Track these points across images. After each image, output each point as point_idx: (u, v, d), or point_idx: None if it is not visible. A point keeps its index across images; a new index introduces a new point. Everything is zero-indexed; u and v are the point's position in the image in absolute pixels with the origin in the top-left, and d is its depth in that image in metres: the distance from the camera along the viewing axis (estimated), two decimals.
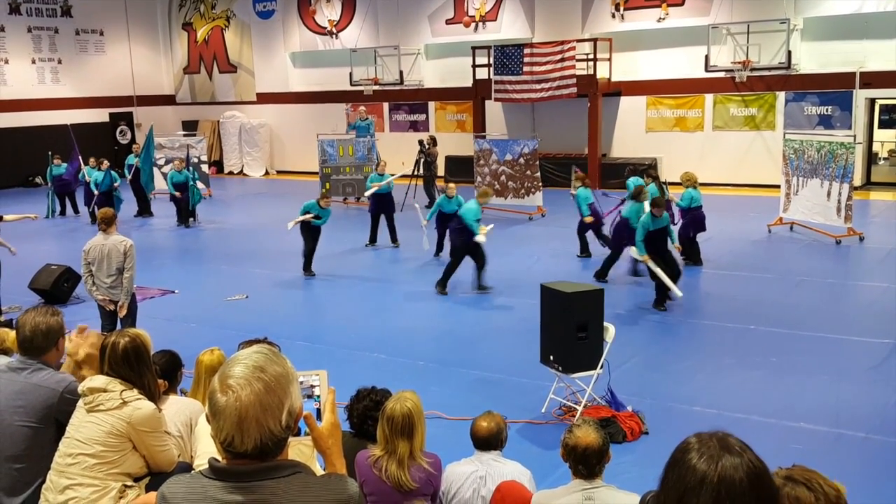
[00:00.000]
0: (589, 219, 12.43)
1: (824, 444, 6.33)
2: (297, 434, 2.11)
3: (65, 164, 19.16)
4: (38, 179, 25.57)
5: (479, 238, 10.88)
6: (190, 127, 27.28)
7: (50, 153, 19.23)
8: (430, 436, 4.18)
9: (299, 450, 3.72)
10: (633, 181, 12.44)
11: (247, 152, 27.53)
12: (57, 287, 11.22)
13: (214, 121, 28.25)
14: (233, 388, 1.88)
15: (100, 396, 3.60)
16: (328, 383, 2.28)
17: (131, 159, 18.94)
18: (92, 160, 18.29)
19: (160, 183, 20.23)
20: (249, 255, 14.30)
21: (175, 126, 27.66)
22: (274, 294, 11.69)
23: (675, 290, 9.82)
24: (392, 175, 15.15)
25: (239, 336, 4.96)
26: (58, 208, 19.24)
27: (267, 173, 27.42)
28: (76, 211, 19.34)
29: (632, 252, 10.31)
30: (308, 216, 12.29)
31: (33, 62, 26.02)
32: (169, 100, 29.82)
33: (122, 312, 8.05)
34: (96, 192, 17.09)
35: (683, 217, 12.14)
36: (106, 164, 17.74)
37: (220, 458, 1.98)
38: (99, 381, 3.66)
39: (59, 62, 26.59)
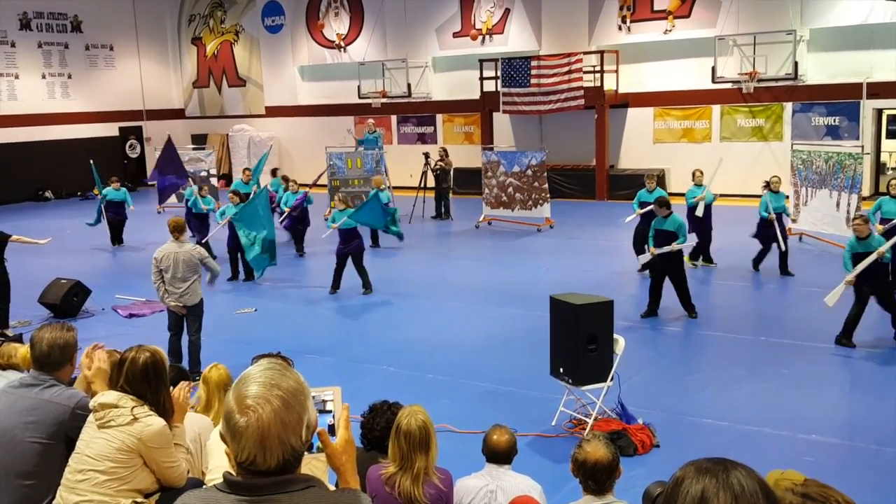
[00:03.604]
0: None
1: (836, 456, 6.29)
2: (310, 449, 2.10)
3: (123, 189, 16.90)
4: (49, 194, 25.73)
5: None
6: (199, 140, 27.42)
7: (94, 168, 17.37)
8: (441, 450, 4.16)
9: (313, 466, 3.71)
10: None
11: None
12: (66, 301, 11.26)
13: (223, 134, 28.38)
14: (252, 407, 1.88)
15: (111, 412, 3.57)
16: (342, 399, 2.28)
17: (242, 186, 15.96)
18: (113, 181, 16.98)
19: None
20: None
21: (184, 140, 27.78)
22: (282, 307, 11.69)
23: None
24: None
25: (249, 349, 4.97)
26: (103, 225, 16.73)
27: None
28: (118, 241, 16.81)
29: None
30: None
31: (43, 77, 26.19)
32: (178, 114, 29.97)
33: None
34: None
35: None
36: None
37: (233, 472, 1.98)
38: (110, 396, 3.64)
39: (69, 77, 26.76)
